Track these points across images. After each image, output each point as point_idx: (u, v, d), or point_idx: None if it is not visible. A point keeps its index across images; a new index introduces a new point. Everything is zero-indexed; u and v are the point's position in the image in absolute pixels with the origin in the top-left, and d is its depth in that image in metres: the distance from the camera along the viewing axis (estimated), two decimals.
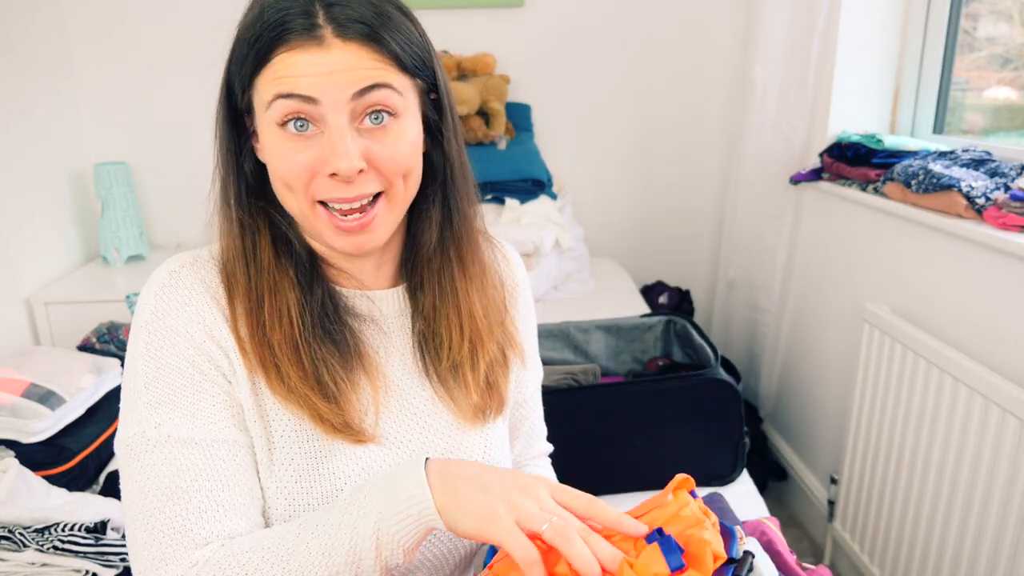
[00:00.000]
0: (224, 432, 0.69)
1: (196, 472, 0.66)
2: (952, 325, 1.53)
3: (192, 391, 0.68)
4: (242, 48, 0.68)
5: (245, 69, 0.68)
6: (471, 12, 2.41)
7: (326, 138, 0.67)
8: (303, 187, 0.68)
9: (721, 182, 2.60)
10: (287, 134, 0.67)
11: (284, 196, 0.71)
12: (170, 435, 0.67)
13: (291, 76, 0.65)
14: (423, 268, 0.80)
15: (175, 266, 0.72)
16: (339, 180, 0.67)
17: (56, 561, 1.17)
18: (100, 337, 1.88)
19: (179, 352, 0.69)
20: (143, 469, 0.67)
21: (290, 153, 0.67)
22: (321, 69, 0.65)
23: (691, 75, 2.52)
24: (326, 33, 0.65)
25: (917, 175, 1.57)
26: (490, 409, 0.81)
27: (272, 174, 0.71)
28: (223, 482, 0.67)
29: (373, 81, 0.66)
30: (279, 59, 0.66)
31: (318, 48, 0.65)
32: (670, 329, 1.77)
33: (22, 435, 1.44)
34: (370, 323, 0.78)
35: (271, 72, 0.66)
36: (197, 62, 2.32)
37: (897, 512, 1.64)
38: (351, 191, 0.68)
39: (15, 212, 1.98)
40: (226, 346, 0.70)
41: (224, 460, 0.68)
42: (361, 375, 0.75)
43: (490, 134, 2.31)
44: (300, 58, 0.65)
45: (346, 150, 0.66)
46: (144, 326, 0.70)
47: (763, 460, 2.28)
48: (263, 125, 0.69)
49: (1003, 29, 1.81)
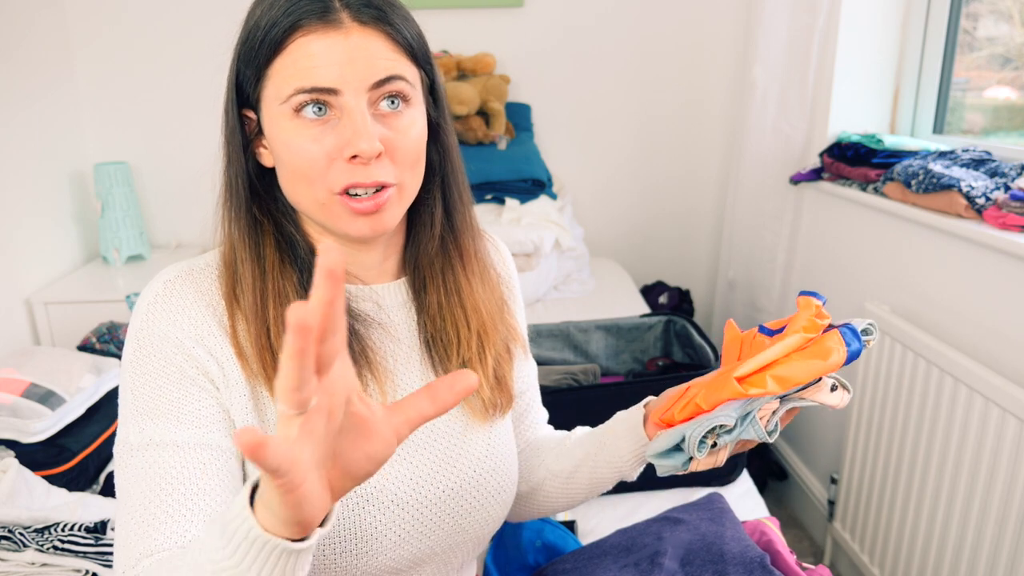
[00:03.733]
0: (209, 436, 0.68)
1: (172, 475, 0.65)
2: (952, 325, 1.53)
3: (177, 395, 0.68)
4: (254, 36, 0.67)
5: (259, 57, 0.67)
6: (471, 12, 2.41)
7: (344, 122, 0.66)
8: (321, 175, 0.68)
9: (721, 182, 2.60)
10: (302, 121, 0.66)
11: (298, 190, 0.70)
12: (151, 439, 0.66)
13: (310, 67, 0.65)
14: (425, 266, 0.80)
15: (170, 276, 0.71)
16: (358, 163, 0.67)
17: (56, 561, 1.17)
18: (100, 337, 1.88)
19: (166, 357, 0.68)
20: (123, 473, 0.67)
21: (307, 142, 0.67)
22: (340, 55, 0.65)
23: (691, 75, 2.52)
24: (343, 16, 0.65)
25: (917, 175, 1.57)
26: (500, 404, 0.81)
27: (285, 168, 0.70)
28: (200, 485, 0.66)
29: (390, 73, 0.67)
30: (295, 44, 0.65)
31: (336, 32, 0.65)
32: (670, 329, 1.77)
33: (22, 435, 1.44)
34: (376, 327, 0.77)
35: (288, 59, 0.66)
36: (197, 62, 2.32)
37: (897, 512, 1.64)
38: (368, 175, 0.68)
39: (15, 212, 1.98)
40: (220, 355, 0.69)
41: (205, 463, 0.67)
42: (368, 379, 0.74)
43: (490, 134, 2.31)
44: (318, 44, 0.65)
45: (367, 131, 0.66)
46: (134, 335, 0.70)
47: (763, 460, 2.28)
48: (275, 118, 0.68)
49: (1003, 29, 1.81)
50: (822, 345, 0.70)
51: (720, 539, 0.89)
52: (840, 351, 0.69)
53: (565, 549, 1.14)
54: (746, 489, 1.51)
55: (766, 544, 0.93)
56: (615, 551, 0.93)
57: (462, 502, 0.78)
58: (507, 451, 0.83)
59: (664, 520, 0.96)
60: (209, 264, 0.74)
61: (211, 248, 0.77)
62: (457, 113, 2.25)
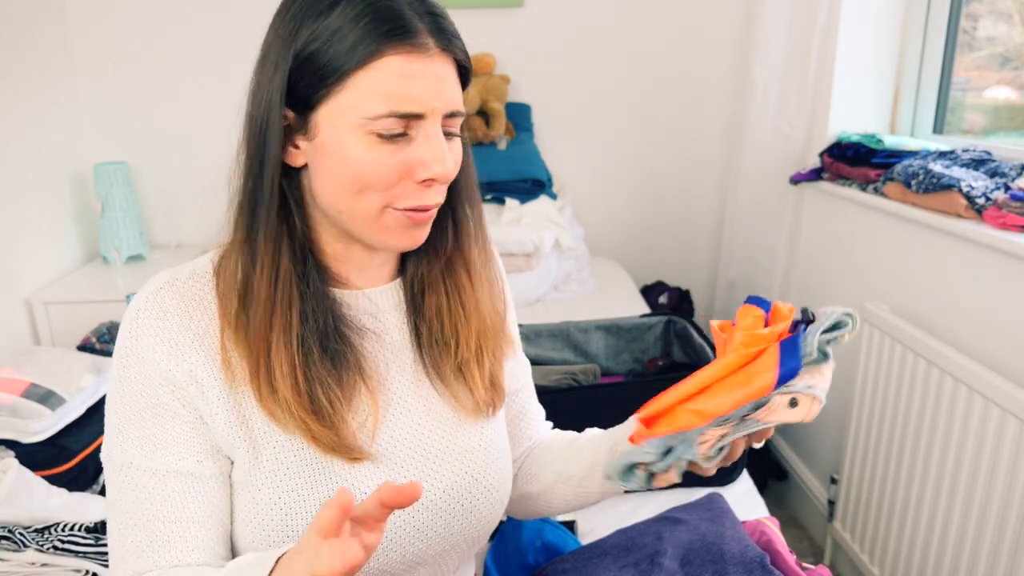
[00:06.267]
0: (184, 464, 0.69)
1: (151, 501, 0.69)
2: (952, 325, 1.53)
3: (153, 422, 0.69)
4: (329, 44, 0.64)
5: (339, 67, 0.64)
6: (471, 12, 2.41)
7: (419, 143, 0.67)
8: (385, 189, 0.67)
9: (721, 182, 2.60)
10: (378, 137, 0.65)
11: (348, 200, 0.68)
12: (131, 462, 0.69)
13: (403, 91, 0.64)
14: (426, 270, 0.79)
15: (152, 288, 0.71)
16: (427, 185, 0.68)
17: (56, 561, 1.17)
18: (100, 337, 1.88)
19: (146, 381, 0.69)
20: (109, 483, 0.71)
21: (383, 156, 0.66)
22: (430, 82, 0.65)
23: (691, 75, 2.52)
24: (428, 41, 0.66)
25: (917, 175, 1.57)
26: (494, 403, 0.81)
27: (341, 175, 0.67)
28: (175, 515, 0.68)
29: (459, 108, 0.69)
30: (384, 62, 0.64)
31: (424, 56, 0.65)
32: (670, 329, 1.77)
33: (22, 435, 1.44)
34: (370, 335, 0.77)
35: (375, 75, 0.64)
36: (198, 62, 2.32)
37: (897, 512, 1.64)
38: (432, 198, 0.69)
39: (15, 212, 1.98)
40: (199, 371, 0.69)
41: (179, 492, 0.69)
42: (360, 389, 0.73)
43: (490, 134, 2.31)
44: (413, 65, 0.65)
45: (445, 155, 0.67)
46: (120, 349, 0.70)
47: (763, 460, 2.28)
48: (344, 127, 0.65)
49: (1003, 29, 1.81)
50: (750, 369, 0.64)
51: (720, 539, 0.89)
52: (768, 376, 0.63)
53: (565, 549, 1.14)
54: (746, 489, 1.51)
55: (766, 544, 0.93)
56: (615, 551, 0.93)
57: (456, 503, 0.77)
58: (500, 450, 0.83)
59: (664, 520, 0.96)
60: (196, 272, 0.73)
61: (211, 248, 0.76)
62: None
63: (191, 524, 0.69)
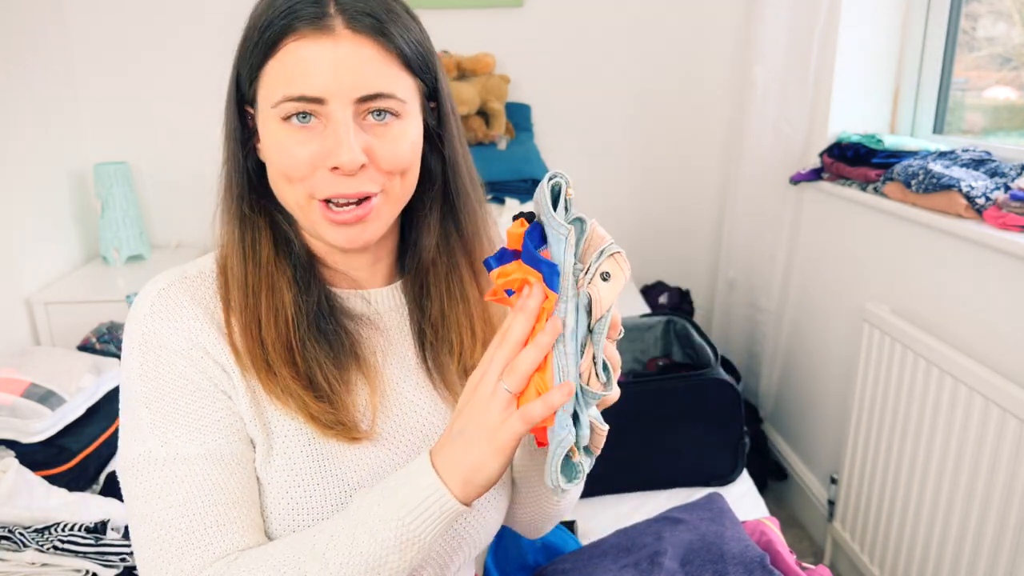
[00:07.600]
0: (230, 447, 0.69)
1: (207, 489, 0.67)
2: (952, 325, 1.53)
3: (194, 407, 0.68)
4: (252, 36, 0.68)
5: (254, 58, 0.68)
6: (471, 12, 2.41)
7: (329, 131, 0.67)
8: (303, 179, 0.68)
9: (721, 182, 2.60)
10: (290, 126, 0.67)
11: (282, 189, 0.71)
12: (178, 453, 0.67)
13: (299, 74, 0.65)
14: (426, 274, 0.79)
15: (163, 284, 0.71)
16: (340, 174, 0.67)
17: (56, 561, 1.17)
18: (100, 337, 1.88)
19: (176, 370, 0.69)
20: (153, 488, 0.67)
21: (292, 145, 0.67)
22: (328, 64, 0.65)
23: (691, 75, 2.52)
24: (336, 23, 0.65)
25: (917, 175, 1.57)
26: None
27: (272, 167, 0.71)
28: (233, 497, 0.68)
29: (378, 89, 0.67)
30: (287, 49, 0.66)
31: (327, 39, 0.65)
32: (670, 329, 1.77)
33: (22, 435, 1.44)
34: (367, 324, 0.77)
35: (279, 63, 0.66)
36: (198, 62, 2.32)
37: (897, 512, 1.64)
38: (351, 187, 0.68)
39: (15, 212, 1.98)
40: (222, 360, 0.70)
41: (232, 475, 0.68)
42: (356, 375, 0.74)
43: (490, 134, 2.31)
44: (309, 50, 0.65)
45: (349, 144, 0.66)
46: (137, 346, 0.70)
47: (763, 460, 2.28)
48: (265, 118, 0.69)
49: (1003, 29, 1.81)
50: (524, 303, 0.61)
51: (720, 539, 0.89)
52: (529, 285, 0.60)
53: (565, 549, 1.14)
54: (746, 489, 1.51)
55: (766, 544, 0.93)
56: (615, 551, 0.93)
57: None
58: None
59: (664, 520, 0.96)
60: (203, 270, 0.74)
61: (211, 248, 0.77)
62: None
63: (251, 505, 0.69)
